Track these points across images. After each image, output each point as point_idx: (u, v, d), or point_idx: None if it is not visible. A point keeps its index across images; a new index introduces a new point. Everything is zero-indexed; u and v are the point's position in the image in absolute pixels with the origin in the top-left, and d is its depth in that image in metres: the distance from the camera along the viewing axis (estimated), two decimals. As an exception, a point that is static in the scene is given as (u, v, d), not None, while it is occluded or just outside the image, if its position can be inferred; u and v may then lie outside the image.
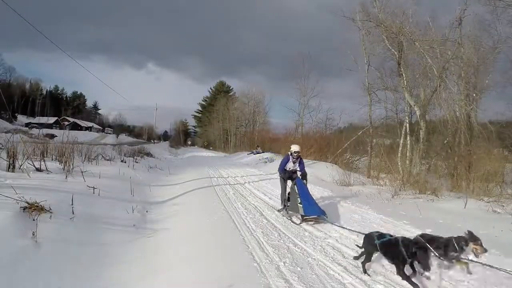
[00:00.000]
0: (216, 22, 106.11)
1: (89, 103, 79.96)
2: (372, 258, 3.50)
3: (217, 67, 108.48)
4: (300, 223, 5.40)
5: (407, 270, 3.14)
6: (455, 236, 3.32)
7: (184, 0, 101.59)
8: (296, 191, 5.76)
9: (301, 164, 6.29)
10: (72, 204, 4.50)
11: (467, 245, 3.21)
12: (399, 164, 11.64)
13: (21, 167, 5.99)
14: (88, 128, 66.14)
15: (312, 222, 5.37)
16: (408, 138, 12.42)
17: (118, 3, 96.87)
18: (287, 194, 6.10)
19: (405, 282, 3.09)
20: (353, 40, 15.65)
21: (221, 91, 59.51)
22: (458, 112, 10.73)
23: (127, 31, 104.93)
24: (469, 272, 3.30)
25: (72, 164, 7.18)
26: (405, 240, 3.27)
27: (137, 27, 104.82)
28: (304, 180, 6.11)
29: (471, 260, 3.33)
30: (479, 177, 8.09)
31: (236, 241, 4.34)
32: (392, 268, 3.33)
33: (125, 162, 11.80)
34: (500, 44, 10.17)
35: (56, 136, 20.84)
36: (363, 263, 3.48)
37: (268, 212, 6.12)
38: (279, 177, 6.47)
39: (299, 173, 6.23)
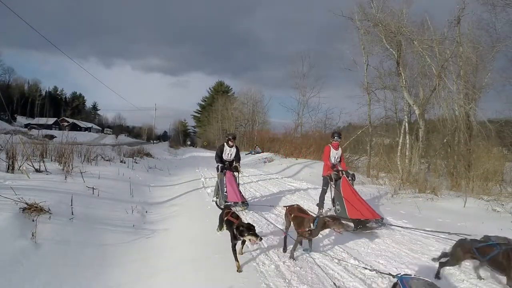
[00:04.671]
0: (215, 20, 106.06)
1: (89, 104, 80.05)
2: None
3: (217, 67, 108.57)
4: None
5: None
6: None
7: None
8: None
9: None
10: (71, 205, 4.49)
11: None
12: (399, 163, 11.65)
13: (21, 168, 5.98)
14: (88, 129, 66.09)
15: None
16: (407, 137, 12.44)
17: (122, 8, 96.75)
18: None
19: None
20: (352, 39, 15.71)
21: (220, 91, 59.50)
22: (457, 111, 10.75)
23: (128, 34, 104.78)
24: None
25: (72, 165, 7.17)
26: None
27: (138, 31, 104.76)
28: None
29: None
30: (479, 176, 8.10)
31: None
32: None
33: (125, 163, 11.80)
34: (499, 43, 10.18)
35: (56, 136, 20.76)
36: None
37: (268, 213, 6.11)
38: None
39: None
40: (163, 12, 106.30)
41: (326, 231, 3.79)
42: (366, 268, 3.37)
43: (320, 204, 6.30)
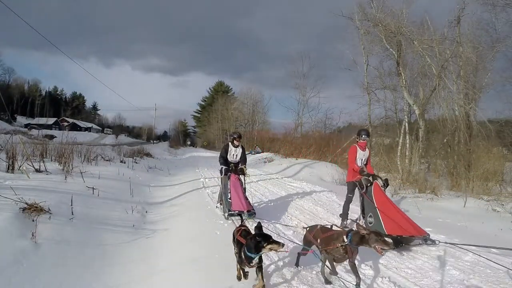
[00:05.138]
0: (215, 20, 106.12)
1: (89, 104, 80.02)
2: None
3: (217, 67, 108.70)
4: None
5: None
6: None
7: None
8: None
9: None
10: (71, 205, 4.49)
11: None
12: (399, 163, 11.66)
13: (21, 168, 5.98)
14: (88, 129, 66.06)
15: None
16: (407, 137, 12.45)
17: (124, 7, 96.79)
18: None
19: None
20: (352, 39, 15.75)
21: (220, 91, 59.52)
22: (457, 111, 10.76)
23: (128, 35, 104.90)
24: None
25: (72, 165, 7.17)
26: None
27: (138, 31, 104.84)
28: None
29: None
30: (479, 176, 8.11)
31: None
32: None
33: (125, 163, 11.79)
34: (498, 43, 10.20)
35: (56, 136, 20.81)
36: None
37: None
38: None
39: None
40: (163, 12, 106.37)
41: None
42: None
43: (344, 215, 5.41)
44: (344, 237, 2.91)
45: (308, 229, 3.49)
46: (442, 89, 11.26)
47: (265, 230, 3.06)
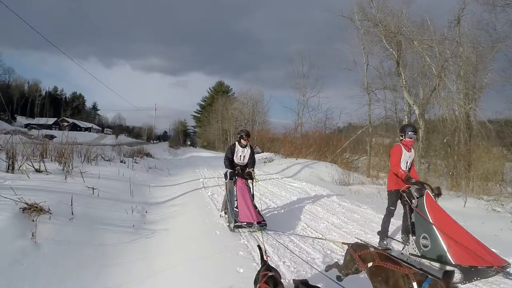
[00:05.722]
0: (215, 20, 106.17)
1: (89, 104, 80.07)
2: None
3: (217, 67, 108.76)
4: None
5: None
6: None
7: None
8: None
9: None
10: (71, 205, 4.49)
11: None
12: (399, 163, 11.66)
13: (21, 168, 5.98)
14: (88, 129, 66.10)
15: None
16: (407, 137, 12.43)
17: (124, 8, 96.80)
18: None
19: None
20: (352, 39, 15.78)
21: (220, 91, 59.54)
22: (457, 111, 10.77)
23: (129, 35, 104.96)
24: None
25: (72, 165, 7.18)
26: None
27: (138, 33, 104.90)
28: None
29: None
30: (479, 176, 8.12)
31: (236, 241, 4.33)
32: None
33: (125, 163, 11.79)
34: (498, 43, 10.20)
35: (56, 137, 20.83)
36: None
37: (269, 214, 6.11)
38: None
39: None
40: (163, 12, 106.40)
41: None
42: None
43: (383, 233, 4.35)
44: (415, 284, 2.10)
45: (351, 246, 2.85)
46: (442, 89, 11.27)
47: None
